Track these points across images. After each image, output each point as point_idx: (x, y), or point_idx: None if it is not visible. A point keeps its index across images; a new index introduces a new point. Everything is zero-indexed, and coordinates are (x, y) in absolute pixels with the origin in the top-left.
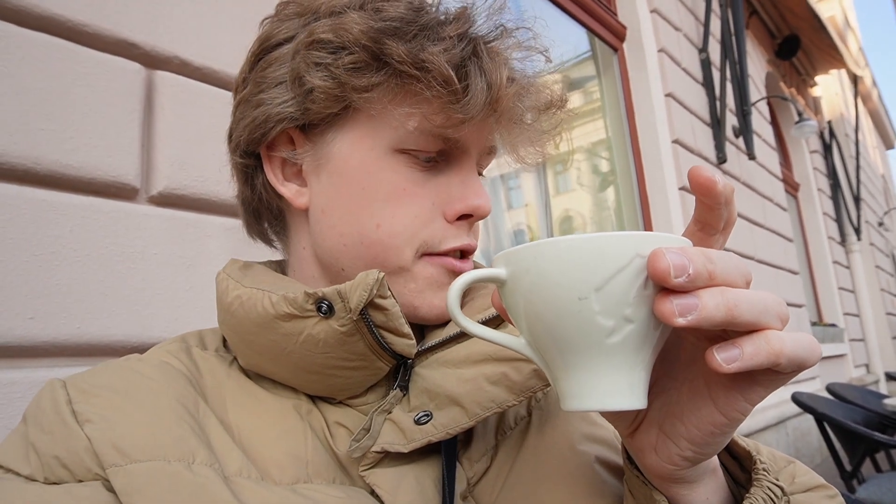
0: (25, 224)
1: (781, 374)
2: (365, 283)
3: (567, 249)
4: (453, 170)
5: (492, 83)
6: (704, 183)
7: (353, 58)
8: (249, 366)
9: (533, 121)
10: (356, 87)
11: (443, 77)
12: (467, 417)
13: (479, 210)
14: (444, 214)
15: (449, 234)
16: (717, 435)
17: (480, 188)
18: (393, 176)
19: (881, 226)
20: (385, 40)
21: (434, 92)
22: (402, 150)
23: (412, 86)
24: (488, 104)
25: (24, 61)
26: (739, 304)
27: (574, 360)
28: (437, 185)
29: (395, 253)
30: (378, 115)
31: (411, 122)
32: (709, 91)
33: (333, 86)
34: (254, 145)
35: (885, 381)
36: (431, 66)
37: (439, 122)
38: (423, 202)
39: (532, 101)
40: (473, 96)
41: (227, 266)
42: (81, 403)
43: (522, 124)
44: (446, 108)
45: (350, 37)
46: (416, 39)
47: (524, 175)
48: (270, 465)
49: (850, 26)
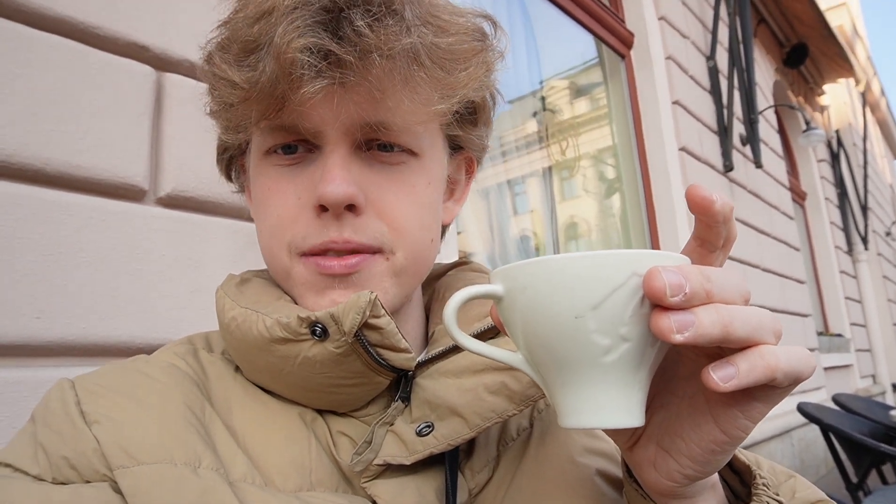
0: (34, 224)
1: (778, 389)
2: (357, 306)
3: (563, 267)
4: (320, 157)
5: (276, 45)
6: (702, 202)
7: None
8: (253, 380)
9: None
10: (212, 112)
11: (228, 68)
12: (468, 428)
13: (324, 198)
14: (312, 207)
15: (312, 229)
16: (718, 453)
17: (333, 172)
18: (263, 178)
19: (889, 235)
20: (209, 64)
21: (232, 88)
22: (266, 152)
23: (225, 91)
24: (275, 63)
25: (37, 62)
26: (734, 321)
27: (570, 377)
28: (304, 177)
29: (274, 256)
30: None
31: (246, 123)
32: (716, 99)
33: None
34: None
35: (891, 393)
36: (219, 70)
37: (262, 109)
38: (287, 198)
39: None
40: (256, 68)
41: (224, 282)
42: (90, 404)
43: (367, 70)
44: (248, 93)
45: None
46: (228, 52)
47: (530, 181)
48: (274, 472)
49: (859, 35)
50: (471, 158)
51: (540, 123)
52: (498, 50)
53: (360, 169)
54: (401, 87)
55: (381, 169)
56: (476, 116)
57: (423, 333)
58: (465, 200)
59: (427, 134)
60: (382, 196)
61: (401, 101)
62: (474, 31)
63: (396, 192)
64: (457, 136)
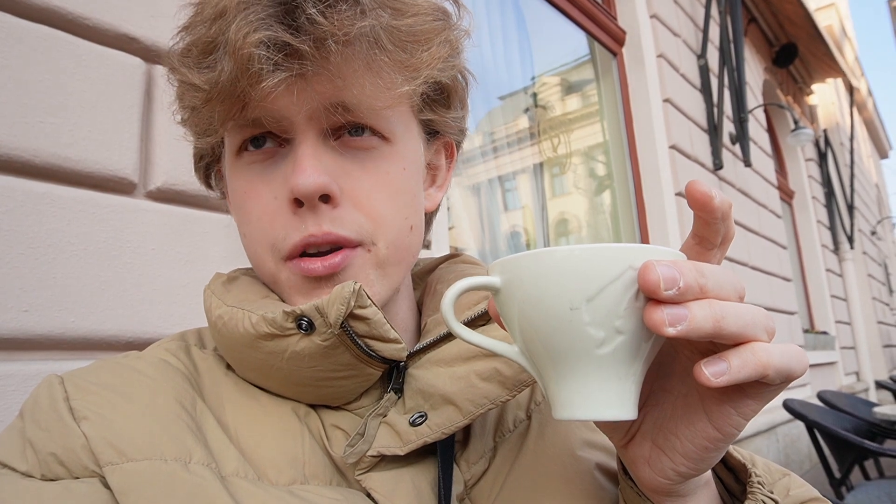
0: (22, 216)
1: (771, 386)
2: (342, 297)
3: (560, 259)
4: (291, 151)
5: (231, 42)
6: (701, 198)
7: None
8: (245, 378)
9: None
10: (182, 120)
11: (188, 71)
12: (461, 416)
13: (297, 190)
14: (288, 203)
15: (291, 227)
16: (711, 450)
17: (303, 163)
18: (238, 181)
19: (874, 235)
20: (173, 71)
21: (195, 91)
22: (237, 152)
23: (188, 95)
24: (231, 61)
25: (24, 53)
26: (727, 316)
27: (565, 369)
28: (277, 175)
29: (261, 261)
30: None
31: (213, 125)
32: (706, 97)
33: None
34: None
35: (874, 390)
36: (181, 75)
37: (225, 109)
38: (263, 198)
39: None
40: (215, 68)
41: (211, 281)
42: (78, 400)
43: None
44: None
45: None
46: (189, 56)
47: (521, 177)
48: (267, 466)
49: (847, 36)
50: (450, 143)
51: (531, 120)
52: (462, 28)
53: (331, 158)
54: (362, 72)
55: (353, 156)
56: (448, 98)
57: (416, 326)
58: (447, 187)
59: (398, 118)
60: (357, 185)
61: (363, 85)
62: (435, 11)
63: (371, 180)
64: (431, 121)
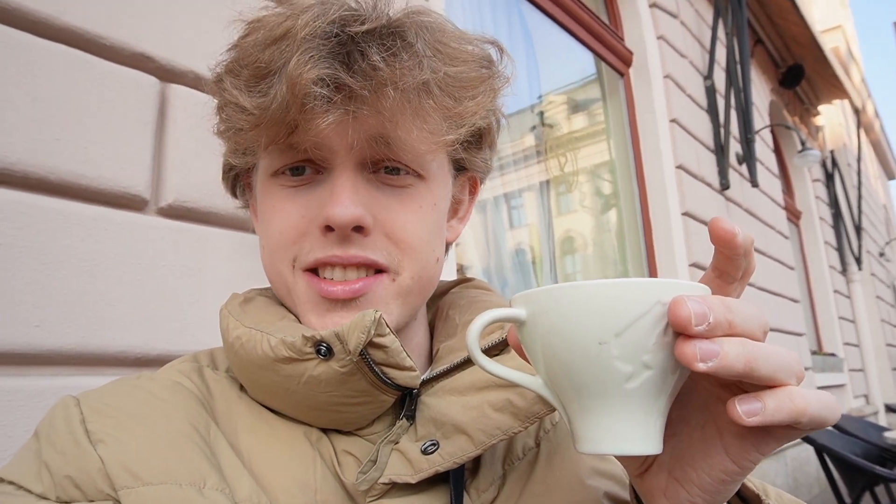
0: (36, 232)
1: (799, 431)
2: (362, 325)
3: (589, 294)
4: (328, 179)
5: (290, 74)
6: (724, 236)
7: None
8: (258, 399)
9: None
10: (220, 132)
11: (239, 93)
12: (473, 446)
13: (331, 219)
14: (319, 227)
15: (317, 245)
16: (728, 482)
17: (341, 195)
18: (270, 199)
19: (882, 256)
20: (219, 86)
21: (242, 112)
22: (274, 174)
23: (235, 116)
24: (287, 92)
25: (42, 71)
26: (759, 358)
27: (590, 403)
28: (311, 197)
29: (277, 272)
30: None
31: (255, 147)
32: (713, 118)
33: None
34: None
35: (884, 413)
36: (229, 94)
37: (272, 135)
38: (292, 216)
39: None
40: (267, 94)
41: (228, 302)
42: (94, 423)
43: (381, 101)
44: (261, 118)
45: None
46: (238, 76)
47: (527, 195)
48: (280, 492)
49: (854, 57)
50: (475, 178)
51: (538, 138)
52: (504, 75)
53: (367, 191)
54: (411, 118)
55: (388, 191)
56: (481, 140)
57: (428, 351)
58: (468, 219)
59: (434, 157)
60: (390, 216)
61: (410, 130)
62: (482, 59)
63: (404, 213)
64: (462, 160)
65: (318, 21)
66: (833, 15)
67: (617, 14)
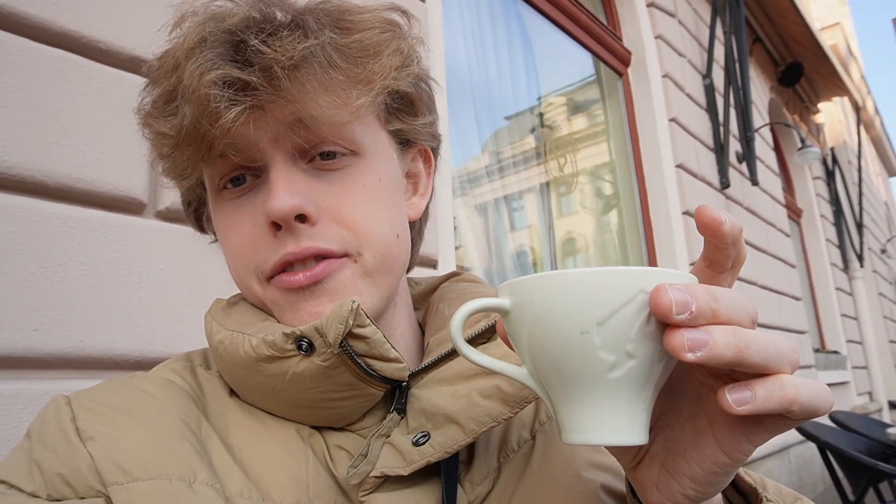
0: (35, 236)
1: (790, 420)
2: (340, 316)
3: (571, 283)
4: (266, 180)
5: (186, 87)
6: (710, 224)
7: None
8: (248, 401)
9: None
10: (162, 170)
11: (155, 121)
12: (464, 434)
13: (271, 213)
14: (268, 229)
15: (271, 249)
16: (720, 474)
17: (275, 188)
18: (220, 217)
19: (884, 253)
20: (144, 124)
21: (163, 138)
22: (218, 190)
23: (158, 143)
24: (191, 104)
25: (40, 76)
26: (751, 346)
27: (575, 393)
28: (256, 203)
29: (247, 287)
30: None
31: (186, 168)
32: (712, 116)
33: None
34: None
35: (888, 410)
36: (149, 126)
37: (195, 151)
38: (244, 227)
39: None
40: (177, 114)
41: (211, 307)
42: (85, 420)
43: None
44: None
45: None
46: (155, 107)
47: (527, 196)
48: (271, 487)
49: (853, 54)
50: (425, 150)
51: (538, 139)
52: (413, 37)
53: (304, 181)
54: (318, 91)
55: (327, 176)
56: (413, 106)
57: (418, 346)
58: (430, 194)
59: (365, 131)
60: (335, 201)
61: (318, 104)
62: (383, 24)
63: (348, 195)
64: (400, 130)
65: (205, 26)
66: (831, 12)
67: (615, 14)
